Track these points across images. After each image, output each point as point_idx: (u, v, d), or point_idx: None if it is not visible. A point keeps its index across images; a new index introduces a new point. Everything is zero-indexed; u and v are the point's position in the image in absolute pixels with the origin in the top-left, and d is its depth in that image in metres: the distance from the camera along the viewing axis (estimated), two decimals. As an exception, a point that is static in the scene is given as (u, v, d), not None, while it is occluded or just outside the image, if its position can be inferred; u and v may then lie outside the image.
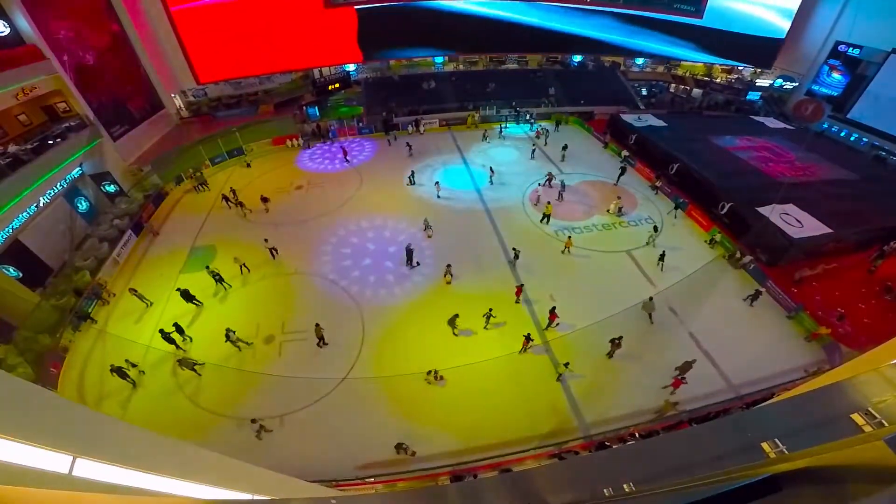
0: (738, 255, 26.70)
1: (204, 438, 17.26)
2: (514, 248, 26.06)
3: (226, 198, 31.63)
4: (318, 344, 20.95)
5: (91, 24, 32.63)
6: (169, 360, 20.63)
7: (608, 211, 31.68)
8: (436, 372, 19.35)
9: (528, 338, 20.56)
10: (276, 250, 26.45)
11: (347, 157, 38.84)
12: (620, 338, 20.38)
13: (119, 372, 18.56)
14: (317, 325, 20.83)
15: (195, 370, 19.57)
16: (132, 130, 36.47)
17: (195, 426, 17.93)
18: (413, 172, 34.70)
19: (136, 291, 23.25)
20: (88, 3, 32.54)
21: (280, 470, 8.10)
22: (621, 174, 35.74)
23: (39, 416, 3.75)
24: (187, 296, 22.73)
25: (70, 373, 20.17)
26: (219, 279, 24.06)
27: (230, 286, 24.41)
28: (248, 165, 38.24)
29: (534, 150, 39.67)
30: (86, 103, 30.33)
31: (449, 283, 24.30)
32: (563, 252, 27.22)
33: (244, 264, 25.00)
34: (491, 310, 21.77)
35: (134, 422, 16.65)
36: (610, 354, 20.74)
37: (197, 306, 23.20)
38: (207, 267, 24.42)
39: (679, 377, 18.97)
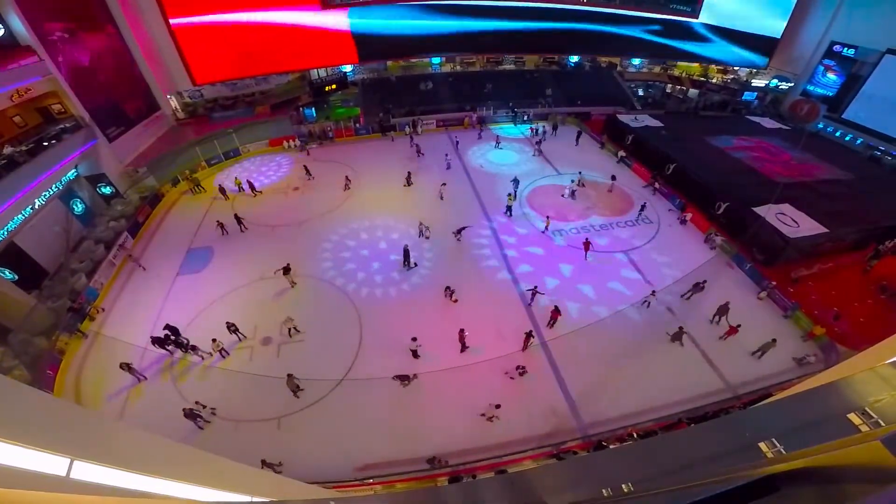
0: (713, 235, 28.03)
1: (202, 440, 17.19)
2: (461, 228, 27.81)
3: (238, 219, 29.02)
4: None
5: (87, 26, 32.47)
6: (164, 361, 20.59)
7: (562, 195, 33.19)
8: (496, 408, 17.75)
9: (529, 335, 20.63)
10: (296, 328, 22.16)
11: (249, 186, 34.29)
12: (705, 281, 23.66)
13: (190, 415, 17.33)
14: (413, 338, 20.05)
15: (296, 393, 18.90)
16: (128, 132, 36.24)
17: (192, 427, 17.85)
18: (409, 174, 34.73)
19: (128, 366, 19.43)
20: (84, 4, 32.43)
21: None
22: (578, 136, 42.74)
23: (36, 419, 3.74)
24: (174, 331, 20.79)
25: (67, 375, 20.07)
26: (234, 330, 21.28)
27: (245, 336, 21.75)
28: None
29: (539, 142, 41.40)
30: (81, 105, 30.16)
31: (456, 301, 23.62)
32: (543, 232, 29.10)
33: (294, 326, 21.65)
34: (536, 286, 23.14)
35: (132, 424, 16.61)
36: (688, 297, 23.93)
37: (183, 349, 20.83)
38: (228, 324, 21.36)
39: (734, 326, 21.14)
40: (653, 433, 17.41)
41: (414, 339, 19.96)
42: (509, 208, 30.99)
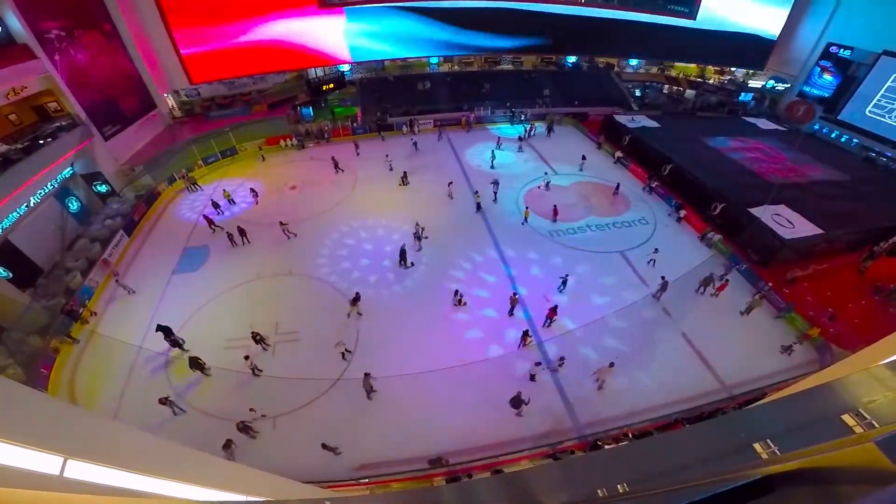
0: (709, 234, 28.47)
1: (197, 439, 17.12)
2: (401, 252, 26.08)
3: (242, 231, 27.72)
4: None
5: (83, 24, 32.34)
6: (159, 360, 20.57)
7: (539, 187, 34.24)
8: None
9: (526, 334, 20.67)
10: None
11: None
12: (712, 274, 24.48)
13: (244, 428, 17.05)
14: (537, 363, 19.53)
15: (369, 395, 18.85)
16: (124, 130, 36.12)
17: (187, 427, 17.80)
18: (406, 173, 34.76)
19: (168, 399, 17.93)
20: (81, 2, 32.28)
21: (274, 471, 8.07)
22: (550, 129, 44.70)
23: (30, 417, 3.72)
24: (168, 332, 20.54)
25: (62, 373, 20.00)
26: (259, 340, 20.58)
27: (268, 346, 21.04)
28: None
29: (522, 138, 43.27)
30: (77, 103, 30.08)
31: (465, 304, 23.38)
32: (522, 224, 29.86)
33: (347, 349, 20.70)
34: (567, 275, 23.90)
35: (126, 423, 16.50)
36: (703, 290, 24.48)
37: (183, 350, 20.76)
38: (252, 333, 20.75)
39: (723, 283, 23.78)
40: (648, 433, 17.44)
41: (538, 364, 19.46)
42: (479, 205, 31.36)
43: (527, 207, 30.44)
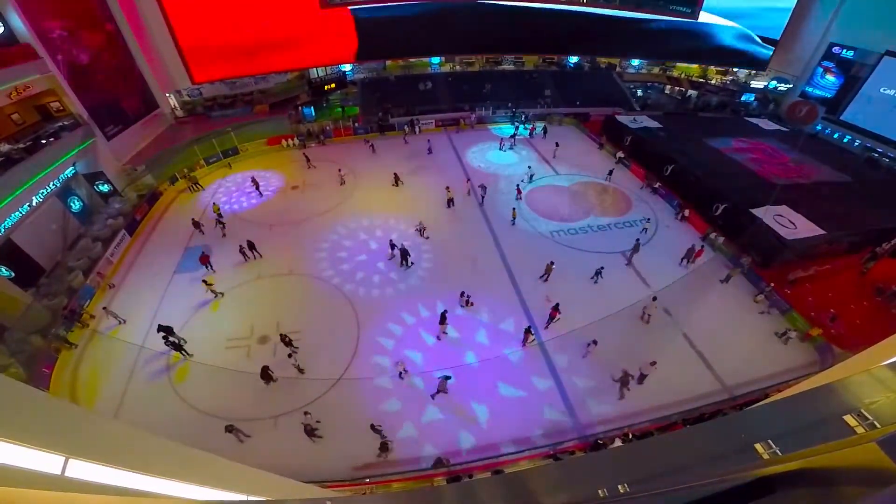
0: (711, 235, 28.64)
1: (197, 439, 17.13)
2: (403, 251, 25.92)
3: (252, 245, 26.72)
4: None
5: (86, 23, 32.35)
6: (161, 360, 20.58)
7: (523, 181, 34.47)
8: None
9: (528, 331, 20.69)
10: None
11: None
12: (693, 245, 26.40)
13: (310, 432, 17.07)
14: (655, 365, 19.40)
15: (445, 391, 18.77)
16: (126, 130, 36.16)
17: (188, 426, 17.81)
18: (396, 175, 34.83)
19: (232, 427, 17.11)
20: (83, 2, 32.31)
21: (275, 471, 8.07)
22: (545, 130, 44.04)
23: (31, 417, 3.73)
24: (169, 332, 20.22)
25: (63, 373, 20.03)
26: (287, 342, 20.42)
27: (297, 348, 20.67)
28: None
29: (514, 136, 43.34)
30: (79, 102, 30.08)
31: (472, 305, 23.43)
32: (512, 224, 30.05)
33: (404, 368, 19.61)
34: (602, 267, 24.70)
35: (127, 423, 16.54)
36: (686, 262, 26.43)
37: (184, 355, 20.68)
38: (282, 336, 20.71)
39: (699, 250, 26.16)
40: (649, 434, 17.42)
41: (653, 364, 19.31)
42: (450, 201, 31.77)
43: (514, 209, 30.48)
